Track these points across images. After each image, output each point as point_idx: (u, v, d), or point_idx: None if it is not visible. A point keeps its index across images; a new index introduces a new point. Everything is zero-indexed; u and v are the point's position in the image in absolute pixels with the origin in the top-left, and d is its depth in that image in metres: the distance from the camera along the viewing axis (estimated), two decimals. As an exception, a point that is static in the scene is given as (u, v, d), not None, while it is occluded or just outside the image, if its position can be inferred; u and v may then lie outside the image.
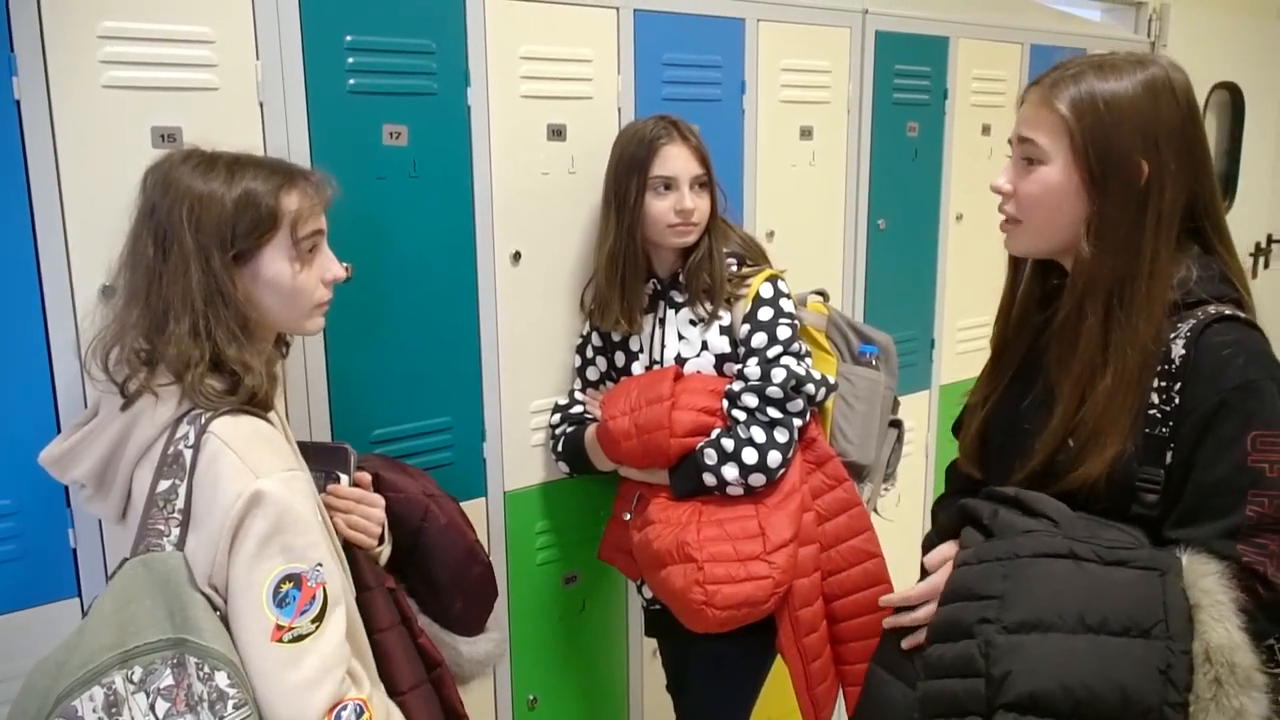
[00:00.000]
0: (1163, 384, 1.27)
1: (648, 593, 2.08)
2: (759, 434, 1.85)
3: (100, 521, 1.57)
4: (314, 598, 1.26)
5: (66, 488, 1.54)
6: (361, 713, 1.27)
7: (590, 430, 2.01)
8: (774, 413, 1.86)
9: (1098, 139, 1.29)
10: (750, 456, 1.84)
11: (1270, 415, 1.22)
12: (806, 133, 2.45)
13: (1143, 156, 1.28)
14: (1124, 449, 1.27)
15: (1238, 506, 1.21)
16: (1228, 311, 1.28)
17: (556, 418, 2.10)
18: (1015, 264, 1.50)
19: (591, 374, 2.12)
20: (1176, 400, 1.26)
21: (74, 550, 1.58)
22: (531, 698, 2.19)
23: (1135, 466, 1.28)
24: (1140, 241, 1.29)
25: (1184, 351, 1.25)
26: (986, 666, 1.20)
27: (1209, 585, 1.18)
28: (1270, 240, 4.25)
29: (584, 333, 2.12)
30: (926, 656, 1.29)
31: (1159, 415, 1.27)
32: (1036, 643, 1.19)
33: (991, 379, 1.52)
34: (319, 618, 1.26)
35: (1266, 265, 4.21)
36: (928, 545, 1.51)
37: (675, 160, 1.91)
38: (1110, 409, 1.28)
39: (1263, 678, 1.17)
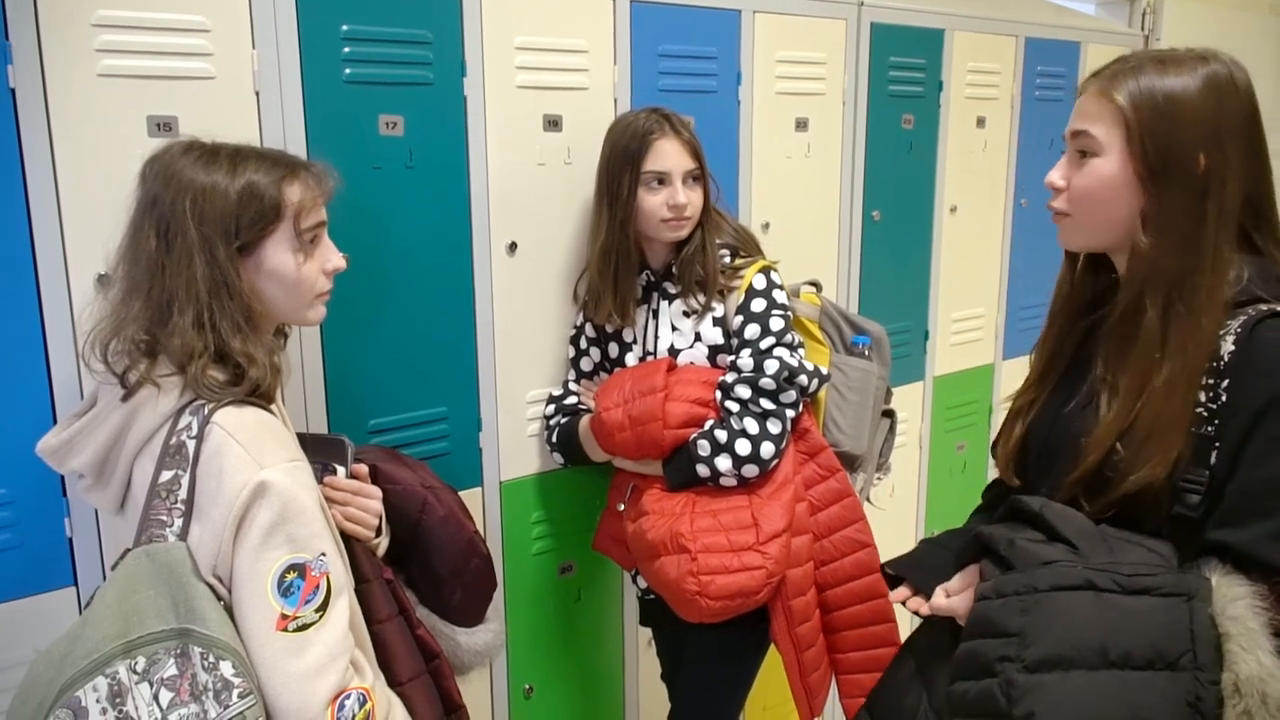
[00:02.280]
0: (1209, 381, 1.23)
1: (642, 582, 2.09)
2: (752, 425, 1.86)
3: (96, 511, 1.57)
4: (318, 587, 1.27)
5: (63, 477, 1.54)
6: (364, 702, 1.28)
7: (584, 422, 2.02)
8: (767, 404, 1.87)
9: (1156, 132, 1.26)
10: (743, 448, 1.85)
11: None
12: (802, 124, 2.45)
13: (1202, 151, 1.25)
14: (1185, 449, 1.23)
15: None
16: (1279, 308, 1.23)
17: (550, 409, 2.10)
18: (1070, 264, 1.45)
19: (585, 365, 2.12)
20: (1224, 398, 1.22)
21: (70, 540, 1.59)
22: (527, 687, 2.20)
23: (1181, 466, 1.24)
24: (1202, 235, 1.25)
25: (1233, 348, 1.21)
26: (1009, 707, 1.16)
27: (1238, 612, 1.14)
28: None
29: (577, 324, 2.12)
30: (950, 692, 1.26)
31: (1204, 414, 1.23)
32: (1058, 681, 1.15)
33: (1038, 384, 1.47)
34: (323, 607, 1.27)
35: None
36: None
37: (668, 155, 1.90)
38: (1169, 408, 1.24)
39: None
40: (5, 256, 1.49)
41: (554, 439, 2.08)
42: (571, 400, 2.09)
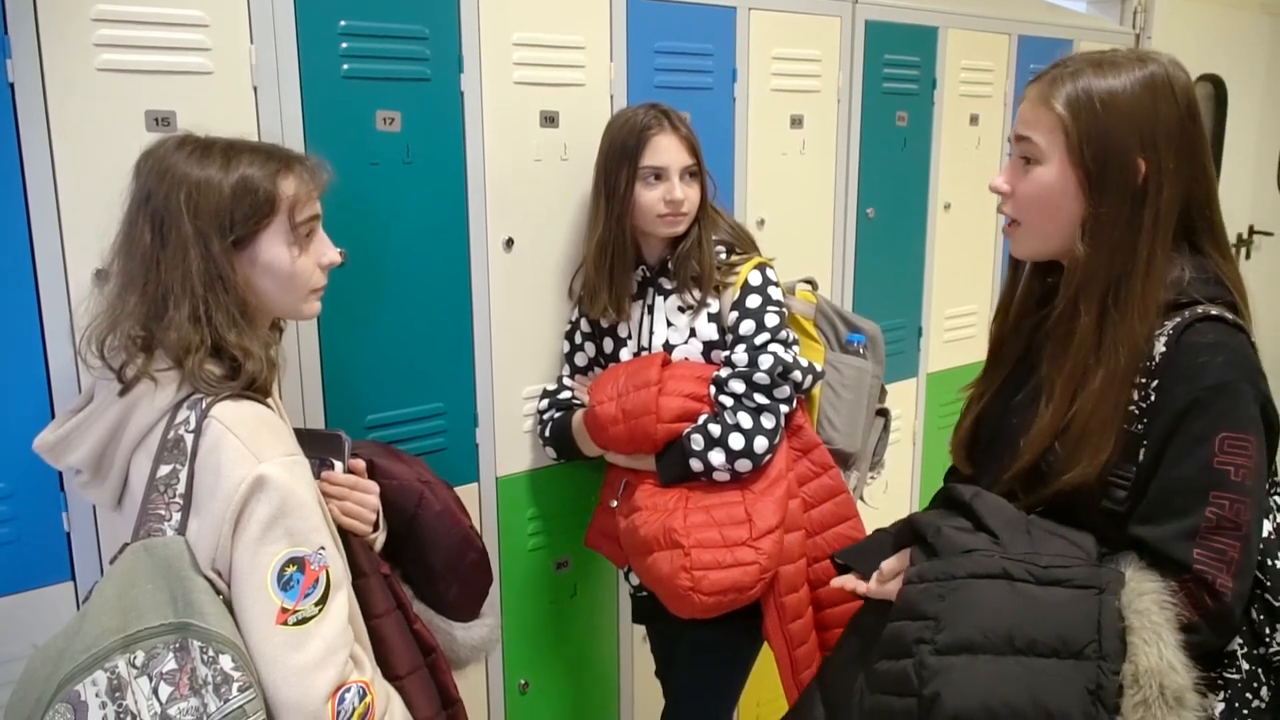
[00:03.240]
0: (1141, 380, 1.27)
1: (635, 579, 2.10)
2: (746, 420, 1.86)
3: (94, 506, 1.57)
4: (317, 581, 1.27)
5: (61, 471, 1.54)
6: (364, 695, 1.28)
7: (578, 416, 2.02)
8: (761, 399, 1.88)
9: (1094, 138, 1.28)
10: (737, 442, 1.85)
11: (1241, 418, 1.22)
12: (797, 121, 2.46)
13: (1140, 155, 1.27)
14: (1116, 448, 1.27)
15: (1198, 507, 1.22)
16: (1214, 311, 1.26)
17: (544, 403, 2.11)
18: (1015, 262, 1.49)
19: (580, 360, 2.12)
20: (1152, 398, 1.25)
21: (68, 534, 1.59)
22: (523, 682, 2.20)
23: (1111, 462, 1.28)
24: (1136, 241, 1.28)
25: (1164, 350, 1.25)
26: (919, 686, 1.21)
27: (1143, 606, 1.19)
28: (1252, 231, 4.30)
29: (572, 319, 2.12)
30: (874, 670, 1.30)
31: (1135, 412, 1.27)
32: (964, 664, 1.20)
33: (988, 375, 1.52)
34: (322, 600, 1.27)
35: (1248, 256, 4.25)
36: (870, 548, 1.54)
37: (666, 151, 1.91)
38: (1100, 410, 1.28)
39: (1195, 698, 1.18)
40: (3, 251, 1.49)
41: (547, 433, 2.08)
42: (565, 395, 2.10)
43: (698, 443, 1.87)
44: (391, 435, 1.92)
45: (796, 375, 1.91)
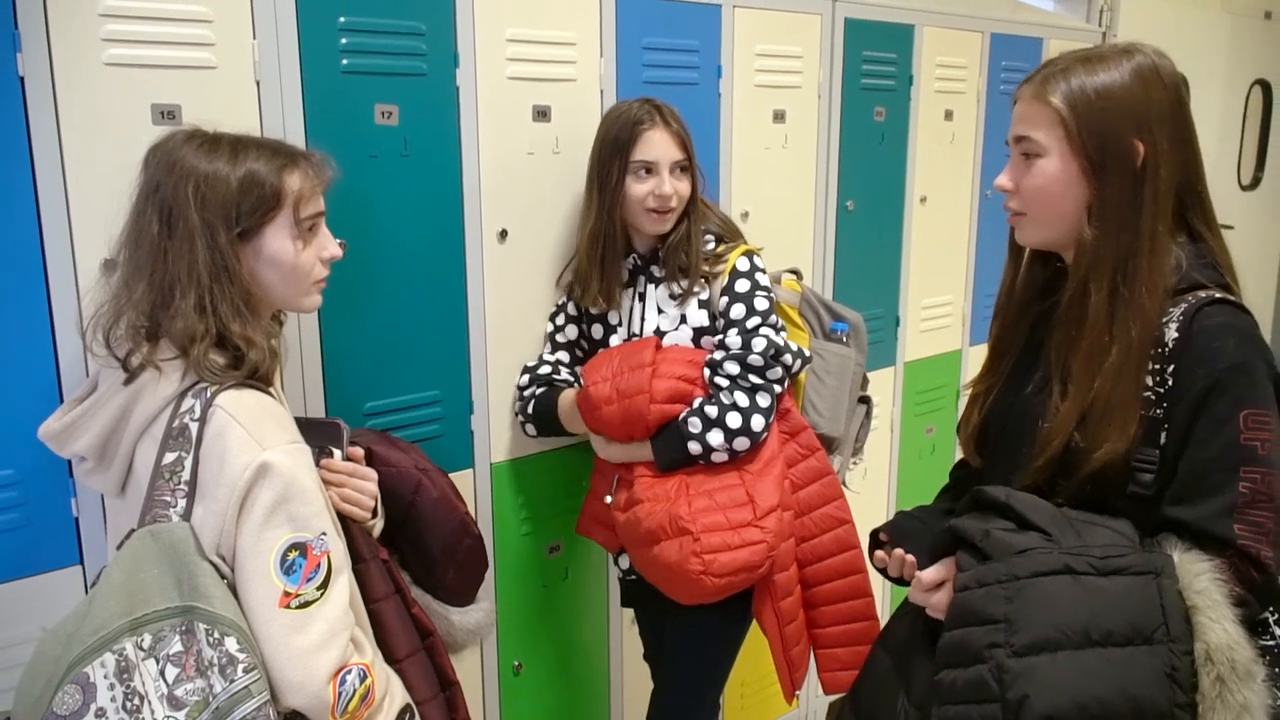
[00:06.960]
0: (1156, 366, 1.31)
1: (624, 563, 2.12)
2: (742, 399, 1.90)
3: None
4: (319, 565, 1.31)
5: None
6: (365, 677, 1.32)
7: (569, 395, 2.04)
8: (755, 379, 1.91)
9: (1093, 127, 1.34)
10: (734, 421, 1.89)
11: (1260, 395, 1.27)
12: (779, 116, 2.51)
13: (1137, 138, 1.33)
14: (1137, 429, 1.30)
15: (1231, 483, 1.26)
16: (1218, 295, 1.31)
17: (525, 379, 2.12)
18: (1014, 255, 1.53)
19: (561, 339, 2.15)
20: (1170, 382, 1.30)
21: (76, 519, 1.61)
22: (516, 664, 2.24)
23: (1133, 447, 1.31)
24: (1139, 220, 1.33)
25: (1176, 334, 1.30)
26: (1001, 691, 1.20)
27: (1203, 585, 1.21)
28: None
29: (559, 302, 2.15)
30: (939, 681, 1.29)
31: (1153, 397, 1.31)
32: (1047, 663, 1.20)
33: (992, 369, 1.54)
34: (324, 584, 1.31)
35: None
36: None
37: (656, 145, 1.95)
38: (1121, 386, 1.31)
39: (1261, 669, 1.21)
40: (13, 242, 1.51)
41: (530, 409, 2.08)
42: (545, 370, 2.11)
43: (695, 425, 1.89)
44: (389, 422, 1.95)
45: (787, 358, 1.95)
